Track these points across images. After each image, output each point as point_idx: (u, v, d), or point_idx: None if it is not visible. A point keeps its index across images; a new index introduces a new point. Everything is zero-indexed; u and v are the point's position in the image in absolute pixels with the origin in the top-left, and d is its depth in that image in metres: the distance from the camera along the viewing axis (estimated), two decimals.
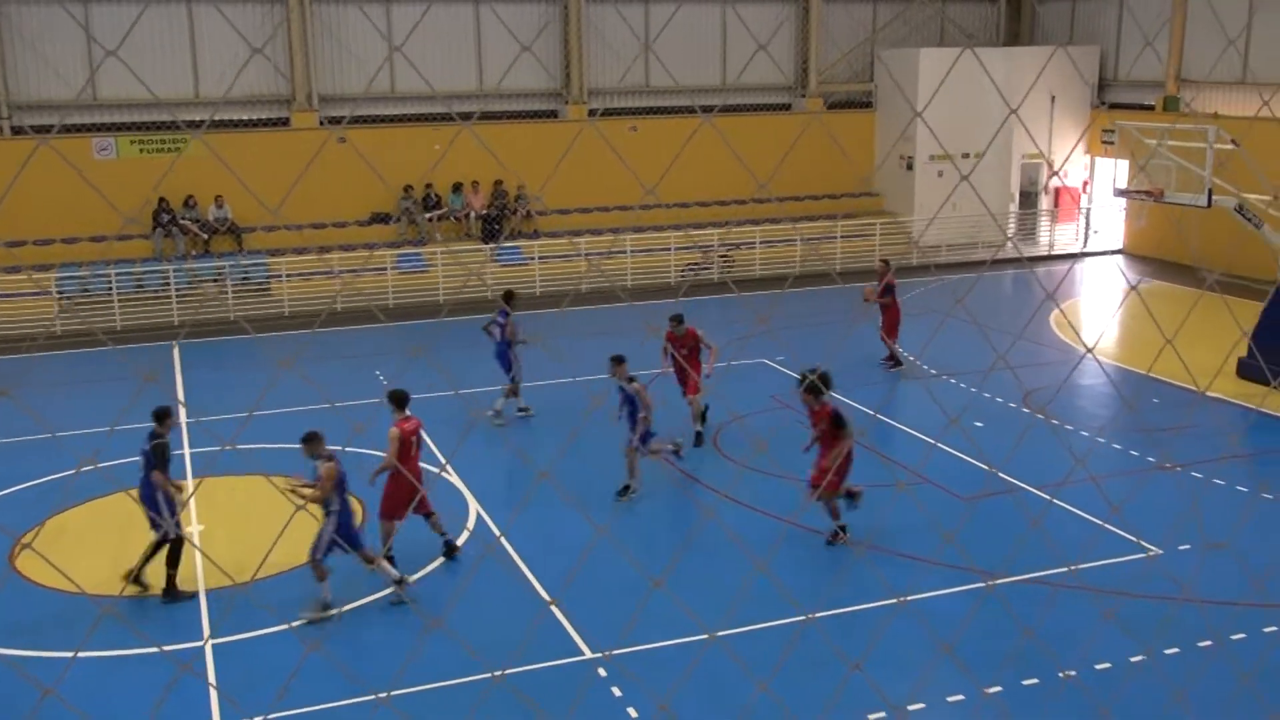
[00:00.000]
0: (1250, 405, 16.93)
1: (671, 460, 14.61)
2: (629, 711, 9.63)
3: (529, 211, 27.75)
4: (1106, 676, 10.00)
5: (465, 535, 13.10)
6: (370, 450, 15.24)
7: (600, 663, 10.29)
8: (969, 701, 9.70)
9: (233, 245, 25.36)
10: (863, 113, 31.39)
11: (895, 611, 10.80)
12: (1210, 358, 15.43)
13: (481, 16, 27.73)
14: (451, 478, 14.65)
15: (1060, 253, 30.42)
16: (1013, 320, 22.79)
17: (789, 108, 30.84)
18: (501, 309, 16.71)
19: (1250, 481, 14.40)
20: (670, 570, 12.04)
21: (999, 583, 11.51)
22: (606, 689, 9.97)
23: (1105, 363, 20.20)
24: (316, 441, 11.23)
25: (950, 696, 9.77)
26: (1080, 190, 31.37)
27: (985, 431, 16.15)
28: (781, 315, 23.28)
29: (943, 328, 17.98)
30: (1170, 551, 12.33)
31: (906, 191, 30.37)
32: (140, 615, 11.39)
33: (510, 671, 9.97)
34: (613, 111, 29.23)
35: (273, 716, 9.39)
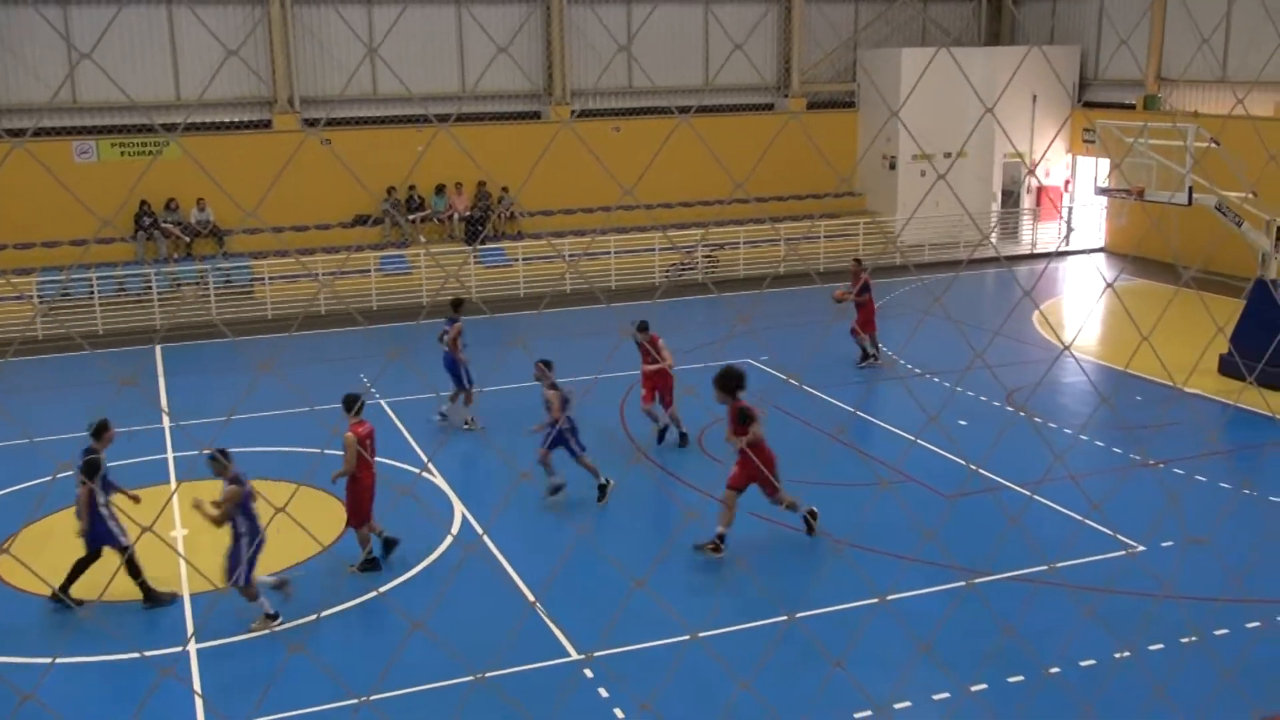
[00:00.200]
0: (1231, 402, 17.01)
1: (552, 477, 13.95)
2: (615, 712, 9.61)
3: (512, 213, 27.71)
4: (1091, 673, 10.03)
5: (449, 540, 13.06)
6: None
7: (586, 664, 10.27)
8: (954, 699, 9.71)
9: (215, 248, 25.25)
10: (845, 113, 31.45)
11: (875, 611, 10.80)
12: (1193, 355, 15.47)
13: (463, 18, 27.68)
14: (436, 479, 14.61)
15: (1042, 251, 30.53)
16: (996, 319, 22.86)
17: (772, 108, 30.88)
18: (449, 316, 16.43)
19: (1232, 477, 14.47)
20: (653, 571, 12.02)
21: (984, 580, 11.53)
22: (593, 690, 9.95)
23: (1089, 360, 20.28)
24: (221, 461, 10.80)
25: (936, 694, 9.78)
26: (1062, 189, 31.49)
27: (969, 429, 16.19)
28: (766, 315, 23.28)
29: (921, 325, 18.02)
30: (1153, 548, 12.38)
31: (889, 191, 30.43)
32: (120, 621, 11.31)
33: (496, 673, 9.94)
34: (596, 112, 29.21)
35: None
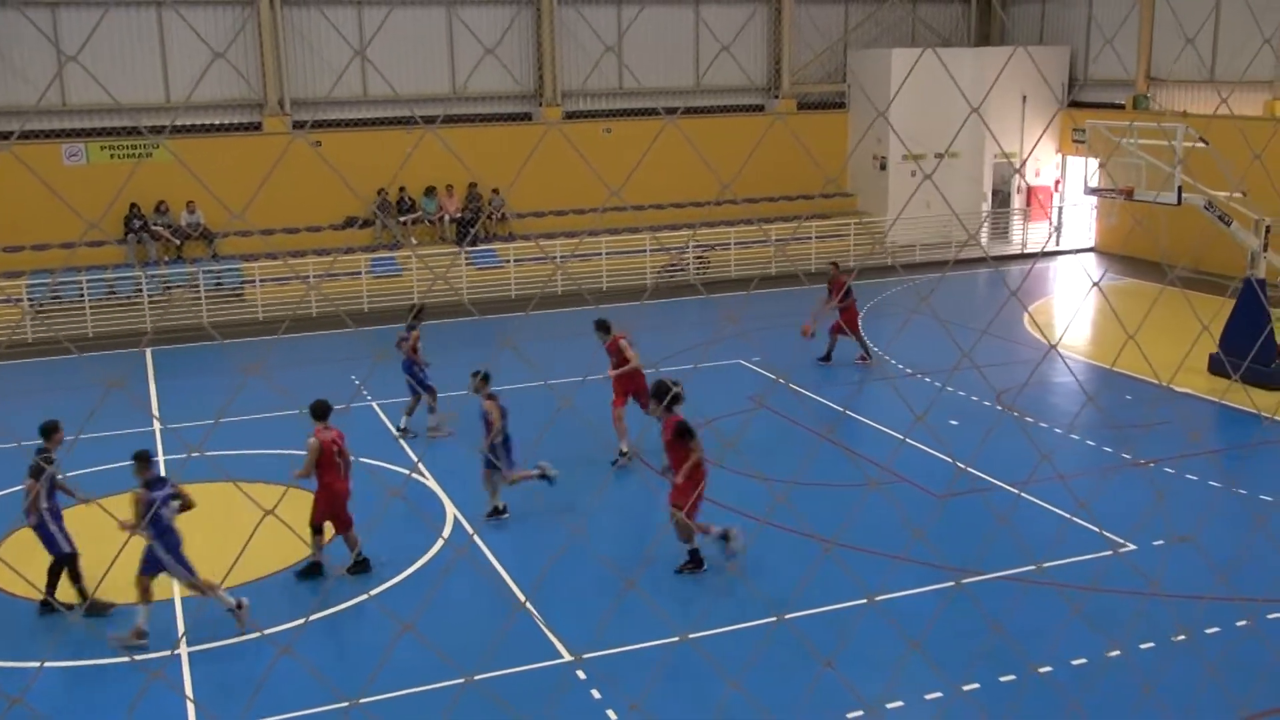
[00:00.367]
0: (1221, 401, 17.06)
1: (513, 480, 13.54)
2: (608, 714, 9.61)
3: (503, 214, 27.70)
4: (1082, 672, 10.05)
5: (440, 543, 13.05)
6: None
7: (579, 665, 10.27)
8: (946, 699, 9.73)
9: (205, 251, 25.20)
10: (836, 113, 31.49)
11: (863, 611, 10.81)
12: (1183, 354, 15.53)
13: (454, 20, 27.67)
14: (427, 481, 14.60)
15: (1032, 251, 30.60)
16: (987, 319, 22.89)
17: (762, 109, 30.90)
18: (407, 323, 16.26)
19: (1222, 476, 14.51)
20: (642, 571, 12.02)
21: (976, 580, 11.55)
22: (586, 691, 9.95)
23: (1081, 360, 20.33)
24: (141, 464, 10.64)
25: (928, 694, 9.79)
26: (1052, 189, 31.57)
27: (960, 429, 16.21)
28: (759, 316, 23.29)
29: (908, 325, 18.03)
30: (1144, 547, 12.41)
31: (880, 191, 30.48)
32: (110, 624, 11.27)
33: (487, 675, 9.93)
34: (588, 114, 29.21)
35: None
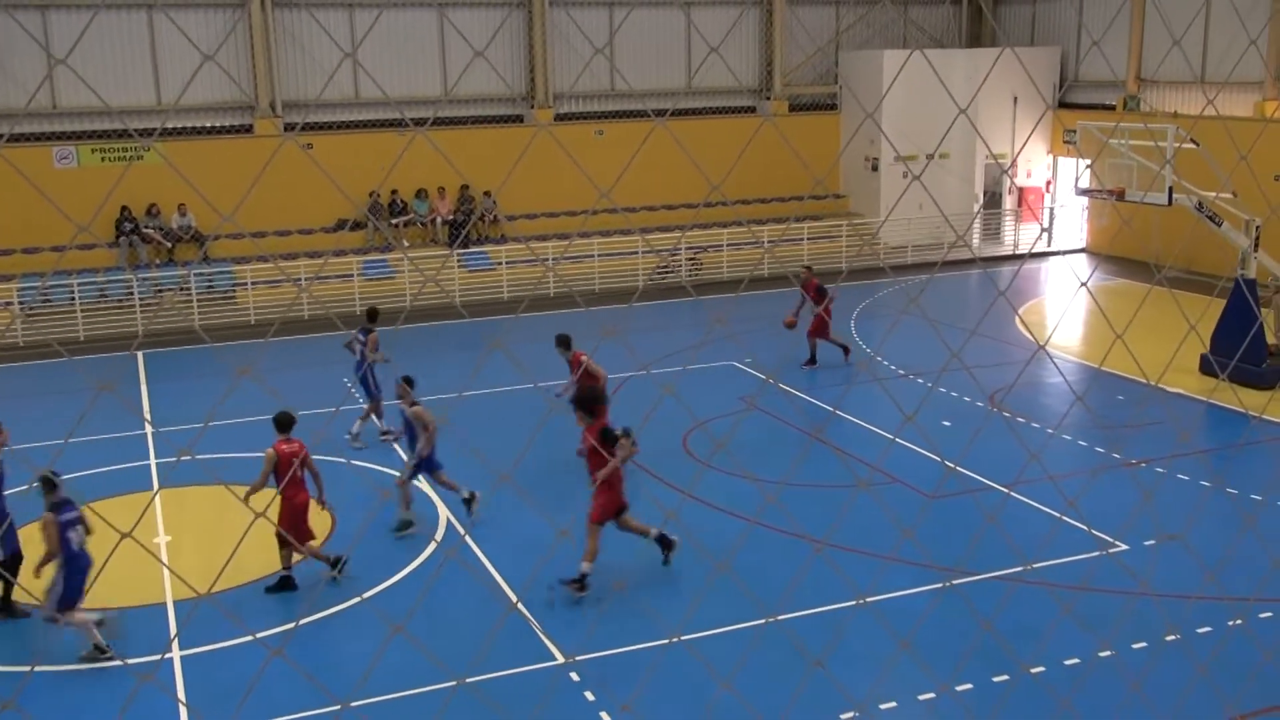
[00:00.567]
0: (1211, 401, 17.11)
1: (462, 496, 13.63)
2: (601, 716, 9.60)
3: (495, 216, 27.68)
4: (1075, 672, 10.07)
5: (433, 545, 13.03)
6: (329, 457, 15.20)
7: (572, 667, 10.26)
8: (939, 699, 9.74)
9: (196, 254, 25.14)
10: (828, 115, 31.53)
11: (854, 612, 10.82)
12: (1177, 354, 15.56)
13: (445, 22, 27.65)
14: (419, 483, 14.58)
15: (1023, 253, 30.65)
16: (977, 320, 22.93)
17: (754, 110, 30.93)
18: (363, 327, 16.12)
19: (1213, 476, 14.55)
20: (634, 573, 12.02)
21: (969, 580, 11.57)
22: (579, 693, 9.95)
23: (1073, 360, 20.38)
24: (48, 487, 10.40)
25: (921, 694, 9.80)
26: (1043, 190, 31.63)
27: (951, 430, 16.24)
28: (750, 317, 23.29)
29: (897, 327, 18.04)
30: (1135, 547, 12.44)
31: (872, 193, 30.52)
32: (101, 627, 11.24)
33: (480, 678, 9.93)
34: (579, 116, 29.22)
35: None
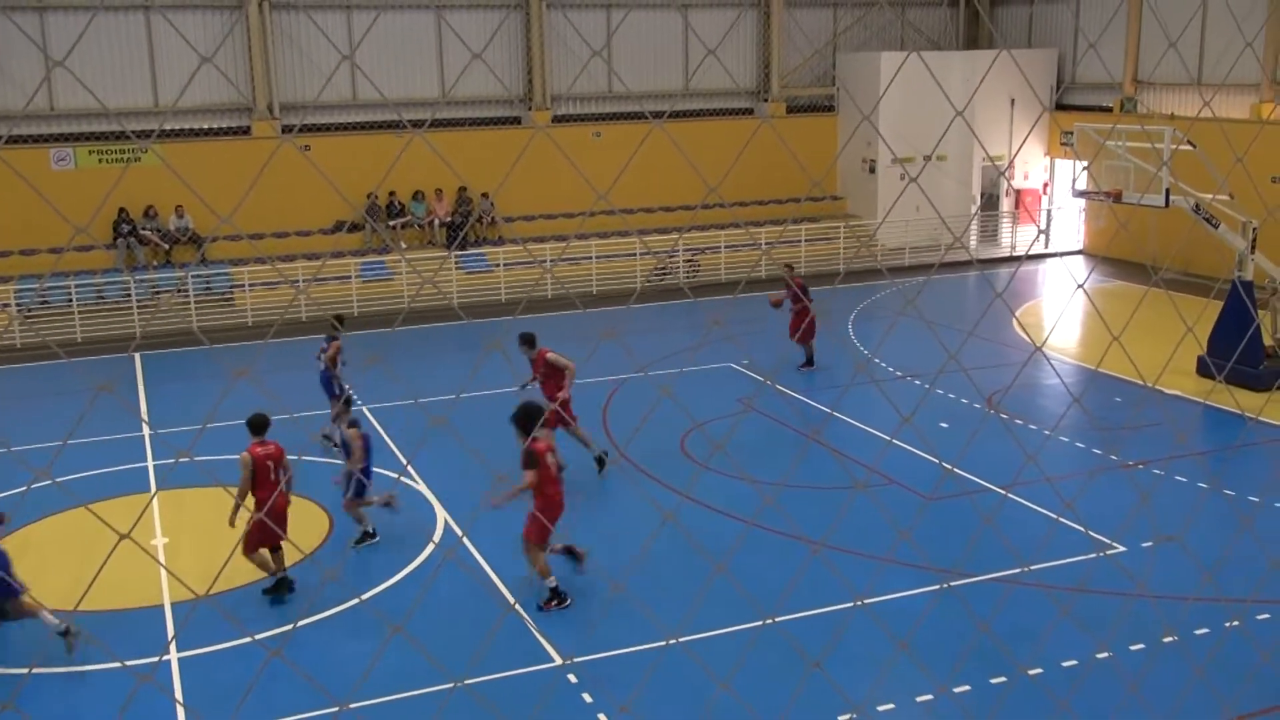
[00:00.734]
0: (1208, 402, 17.13)
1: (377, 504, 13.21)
2: (599, 717, 9.61)
3: (493, 218, 27.68)
4: (1073, 673, 10.08)
5: (430, 547, 13.03)
6: (329, 460, 15.19)
7: (570, 668, 10.26)
8: (938, 700, 9.74)
9: (194, 255, 25.13)
10: (825, 116, 31.55)
11: (852, 613, 10.83)
12: (1174, 356, 15.58)
13: (442, 24, 27.66)
14: (417, 485, 14.58)
15: (1021, 254, 30.67)
16: (974, 321, 22.94)
17: (752, 112, 30.95)
18: (327, 334, 16.09)
19: (1210, 478, 14.57)
20: (631, 574, 12.02)
21: (966, 582, 11.57)
22: (577, 695, 9.95)
23: (1071, 362, 20.40)
24: None
25: (919, 696, 9.81)
26: (1041, 192, 31.66)
27: (949, 432, 16.25)
28: (747, 319, 23.31)
29: (893, 328, 18.06)
30: (1133, 548, 12.46)
31: (869, 195, 30.53)
32: (99, 629, 11.23)
33: (478, 679, 9.93)
34: (576, 118, 29.23)
35: None
